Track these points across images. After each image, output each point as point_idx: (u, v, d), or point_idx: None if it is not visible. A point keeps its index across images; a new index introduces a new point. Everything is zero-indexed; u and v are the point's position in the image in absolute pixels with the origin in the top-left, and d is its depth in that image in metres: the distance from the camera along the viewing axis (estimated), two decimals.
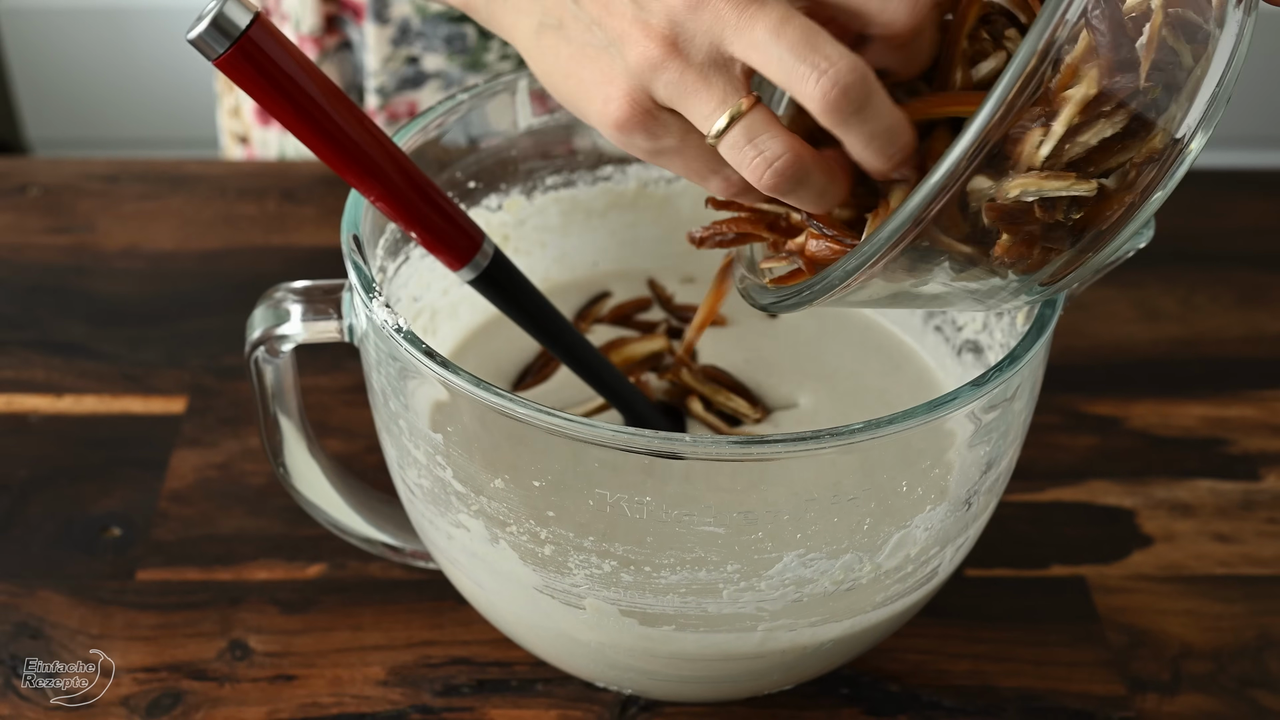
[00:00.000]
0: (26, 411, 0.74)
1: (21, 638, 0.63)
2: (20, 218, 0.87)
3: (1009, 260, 0.46)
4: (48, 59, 1.99)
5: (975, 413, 0.50)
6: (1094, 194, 0.45)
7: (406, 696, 0.61)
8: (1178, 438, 0.75)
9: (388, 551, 0.63)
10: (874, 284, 0.47)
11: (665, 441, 0.47)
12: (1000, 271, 0.47)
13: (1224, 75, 0.44)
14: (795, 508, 0.49)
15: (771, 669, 0.56)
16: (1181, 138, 0.45)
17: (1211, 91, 0.45)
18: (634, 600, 0.52)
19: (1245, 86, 0.49)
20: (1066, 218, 0.45)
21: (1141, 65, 0.44)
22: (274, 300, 0.56)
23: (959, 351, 0.64)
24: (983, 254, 0.46)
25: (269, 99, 0.46)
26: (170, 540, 0.68)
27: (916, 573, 0.54)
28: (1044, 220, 0.45)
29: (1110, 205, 0.45)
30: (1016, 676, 0.63)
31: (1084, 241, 0.46)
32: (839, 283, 0.46)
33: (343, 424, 0.73)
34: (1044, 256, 0.46)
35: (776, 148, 0.46)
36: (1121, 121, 0.44)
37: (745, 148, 0.46)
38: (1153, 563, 0.68)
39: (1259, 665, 0.64)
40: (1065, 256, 0.47)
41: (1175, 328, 0.81)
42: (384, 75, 0.92)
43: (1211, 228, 0.89)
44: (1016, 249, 0.45)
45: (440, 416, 0.51)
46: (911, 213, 0.43)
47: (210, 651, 0.63)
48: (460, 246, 0.53)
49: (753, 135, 0.46)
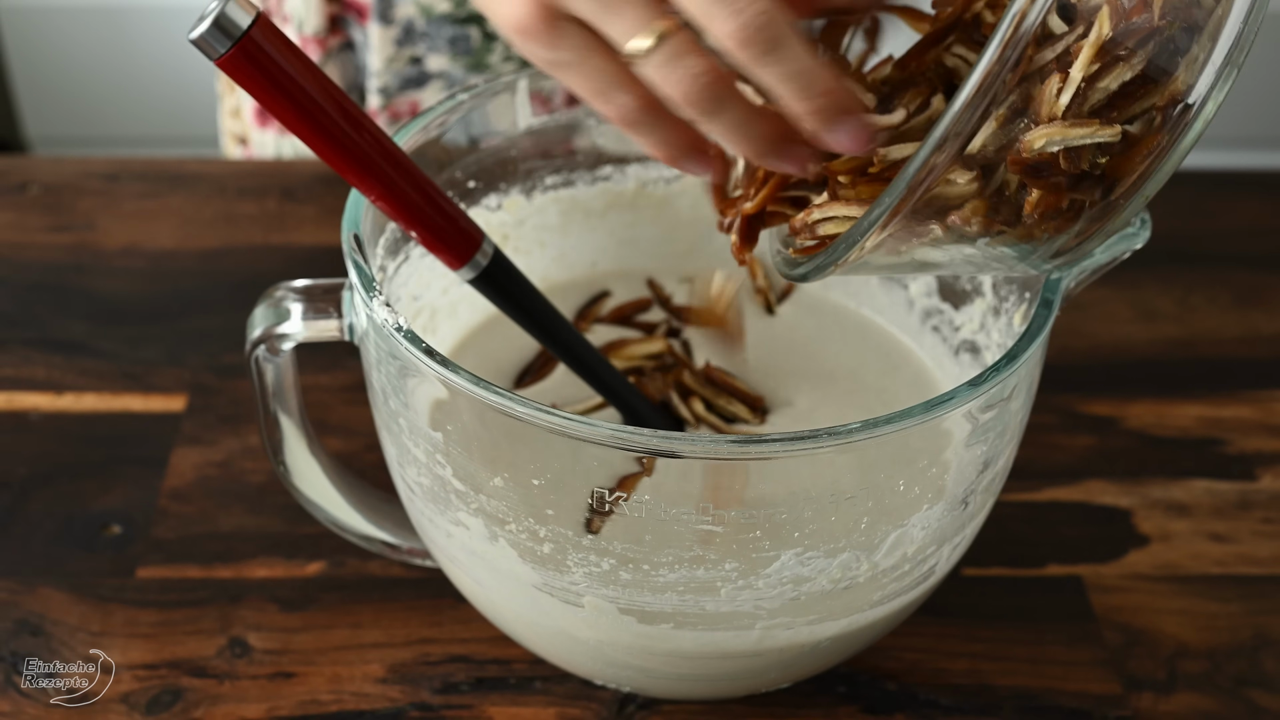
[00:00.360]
0: (27, 409, 0.74)
1: (22, 635, 0.63)
2: (20, 216, 0.87)
3: (1039, 217, 0.45)
4: (48, 57, 1.99)
5: (972, 412, 0.50)
6: (1118, 139, 0.43)
7: (405, 694, 0.61)
8: (1174, 438, 0.75)
9: (386, 549, 0.63)
10: (889, 248, 0.46)
11: (664, 440, 0.47)
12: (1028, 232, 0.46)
13: (1249, 13, 0.43)
14: (793, 507, 0.49)
15: (769, 667, 0.56)
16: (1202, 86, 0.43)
17: (1236, 30, 0.43)
18: (632, 598, 0.52)
19: (1243, 87, 0.48)
20: (1093, 166, 0.44)
21: (1154, 2, 0.43)
22: (274, 299, 0.56)
23: (956, 351, 0.64)
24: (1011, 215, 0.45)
25: (270, 99, 0.47)
26: (170, 538, 0.68)
27: (913, 572, 0.54)
28: (1070, 171, 0.44)
29: (1138, 153, 0.44)
30: (1013, 675, 0.63)
31: (1114, 192, 0.45)
32: (852, 246, 0.45)
33: (342, 422, 0.73)
34: (1073, 213, 0.45)
35: (701, 64, 0.46)
36: (1140, 63, 0.43)
37: (670, 65, 0.46)
38: (1149, 562, 0.68)
39: (1254, 664, 0.64)
40: (1094, 211, 0.46)
41: (1172, 328, 0.82)
42: (387, 75, 0.92)
43: (1209, 228, 0.89)
44: (1045, 201, 0.44)
45: (440, 415, 0.51)
46: (914, 171, 0.42)
47: (210, 649, 0.63)
48: (460, 246, 0.53)
49: (679, 54, 0.46)
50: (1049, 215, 0.45)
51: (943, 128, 0.41)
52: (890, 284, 0.67)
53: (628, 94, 0.49)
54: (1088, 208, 0.46)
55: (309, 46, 0.93)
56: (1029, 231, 0.46)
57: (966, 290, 0.63)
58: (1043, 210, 0.45)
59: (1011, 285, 0.60)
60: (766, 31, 0.44)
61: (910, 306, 0.67)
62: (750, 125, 0.47)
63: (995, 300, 0.61)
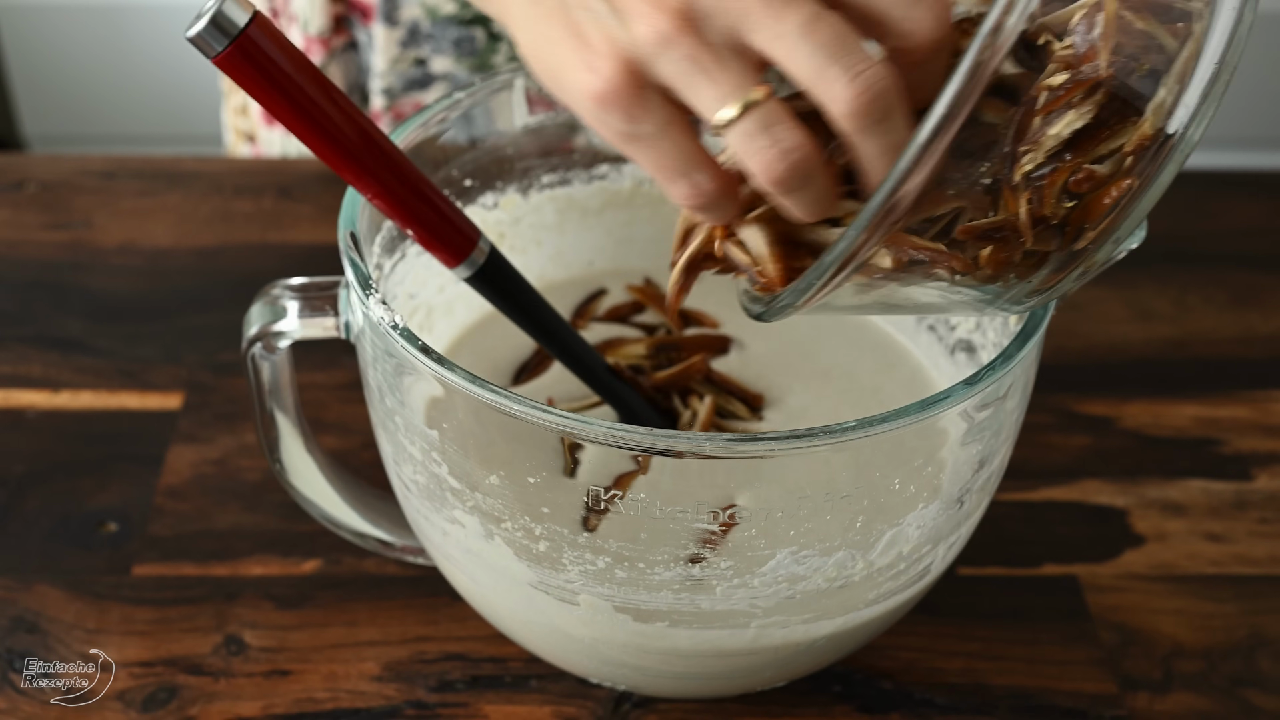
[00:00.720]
0: (23, 407, 0.74)
1: (18, 632, 0.63)
2: (17, 214, 0.87)
3: (994, 269, 0.45)
4: (45, 55, 1.98)
5: (968, 411, 0.50)
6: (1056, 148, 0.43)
7: (401, 692, 0.61)
8: (1170, 438, 0.75)
9: (382, 547, 0.64)
10: (845, 294, 0.45)
11: (659, 438, 0.47)
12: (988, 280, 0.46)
13: (1224, 55, 0.42)
14: (788, 505, 0.49)
15: (764, 666, 0.56)
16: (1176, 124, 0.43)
17: (1210, 72, 0.42)
18: (628, 596, 0.52)
19: (1238, 88, 0.48)
20: (1054, 215, 0.44)
21: (1101, 52, 0.42)
22: (271, 297, 0.56)
23: (952, 351, 0.64)
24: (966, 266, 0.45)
25: (267, 97, 0.47)
26: (166, 535, 0.68)
27: (909, 570, 0.54)
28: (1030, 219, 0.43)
29: (1105, 195, 0.43)
30: (1009, 675, 0.63)
31: (1081, 239, 0.45)
32: (799, 297, 0.44)
33: (339, 420, 0.73)
34: (1035, 261, 0.45)
35: (794, 138, 0.44)
36: (1090, 111, 0.42)
37: (759, 136, 0.44)
38: (1145, 562, 0.68)
39: (1250, 664, 0.64)
40: (1061, 257, 0.45)
41: (1168, 328, 0.82)
42: (391, 76, 0.92)
43: (1205, 229, 0.89)
44: (996, 256, 0.44)
45: (435, 412, 0.51)
46: (852, 238, 0.41)
47: (206, 646, 0.63)
48: (456, 244, 0.53)
49: (768, 124, 0.44)
50: (1006, 266, 0.45)
51: (883, 193, 0.41)
52: None
53: (705, 174, 0.47)
54: (1052, 255, 0.45)
55: (313, 46, 0.93)
56: (993, 277, 0.45)
57: None
58: (996, 262, 0.44)
59: None
60: (882, 100, 0.43)
61: None
62: (823, 201, 0.46)
63: None
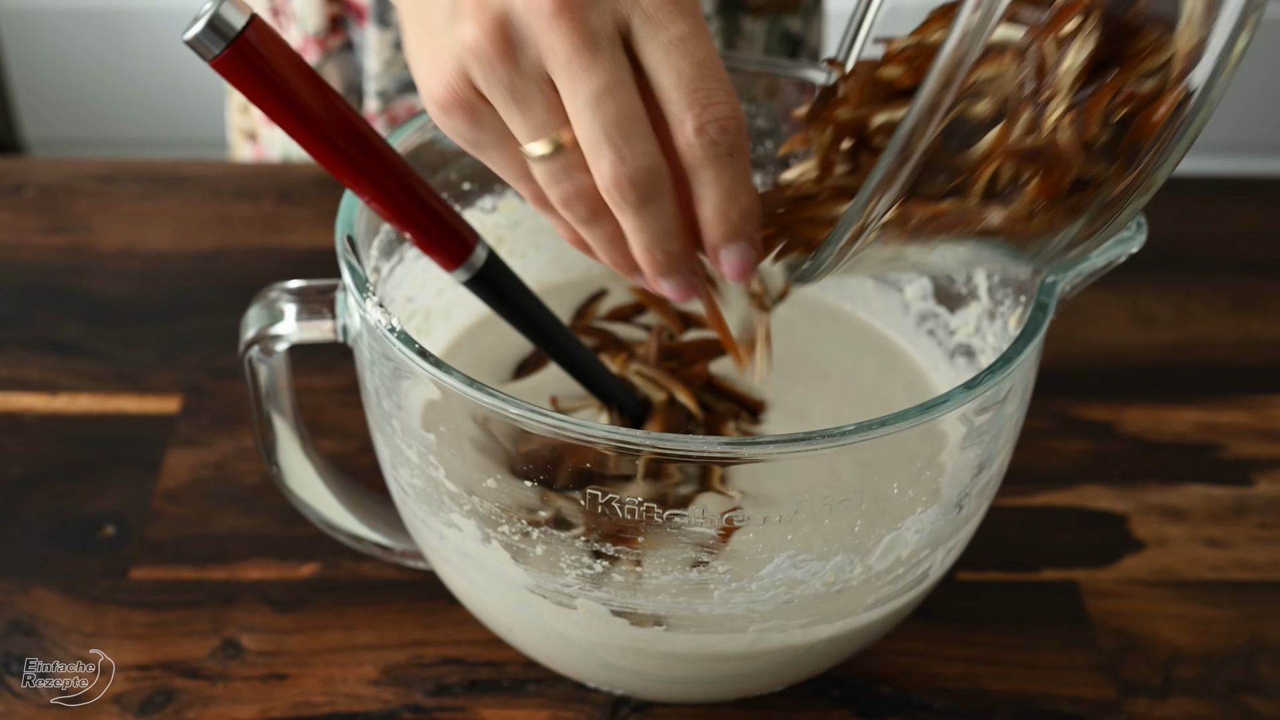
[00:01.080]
0: (21, 410, 0.74)
1: (15, 635, 0.63)
2: (16, 217, 0.87)
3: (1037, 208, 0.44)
4: (46, 60, 1.99)
5: (967, 415, 0.50)
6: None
7: (398, 696, 0.61)
8: (1170, 443, 0.75)
9: (379, 551, 0.63)
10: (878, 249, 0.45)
11: (657, 442, 0.47)
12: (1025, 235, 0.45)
13: None
14: (786, 509, 0.49)
15: (762, 670, 0.56)
16: (1219, 34, 0.42)
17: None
18: (625, 600, 0.52)
19: (1239, 94, 0.48)
20: (1107, 126, 0.43)
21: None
22: (268, 300, 0.56)
23: (951, 355, 0.64)
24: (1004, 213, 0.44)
25: (264, 100, 0.47)
26: (164, 539, 0.68)
27: (907, 575, 0.54)
28: (1073, 148, 0.43)
29: (1154, 111, 0.43)
30: (1008, 680, 0.63)
31: (1133, 166, 0.44)
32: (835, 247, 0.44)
33: (336, 424, 0.73)
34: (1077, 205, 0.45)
35: (588, 183, 0.46)
36: (1094, 32, 0.42)
37: (562, 178, 0.46)
38: (1144, 567, 0.68)
39: (1249, 670, 0.64)
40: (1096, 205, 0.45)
41: (1169, 333, 0.82)
42: (385, 79, 0.92)
43: (1205, 233, 0.89)
44: (1043, 186, 0.43)
45: (432, 416, 0.51)
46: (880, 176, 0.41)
47: (203, 650, 0.63)
48: (454, 248, 0.53)
49: (570, 168, 0.46)
50: (1051, 204, 0.44)
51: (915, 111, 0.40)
52: (885, 287, 0.67)
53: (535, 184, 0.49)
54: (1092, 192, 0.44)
55: (310, 46, 0.93)
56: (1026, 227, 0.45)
57: (962, 294, 0.63)
58: (1043, 192, 0.44)
59: (1007, 289, 0.60)
60: (642, 188, 0.45)
61: (905, 310, 0.67)
62: (614, 245, 0.48)
63: (991, 304, 0.61)
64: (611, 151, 0.44)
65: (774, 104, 0.66)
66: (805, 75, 0.64)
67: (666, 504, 0.49)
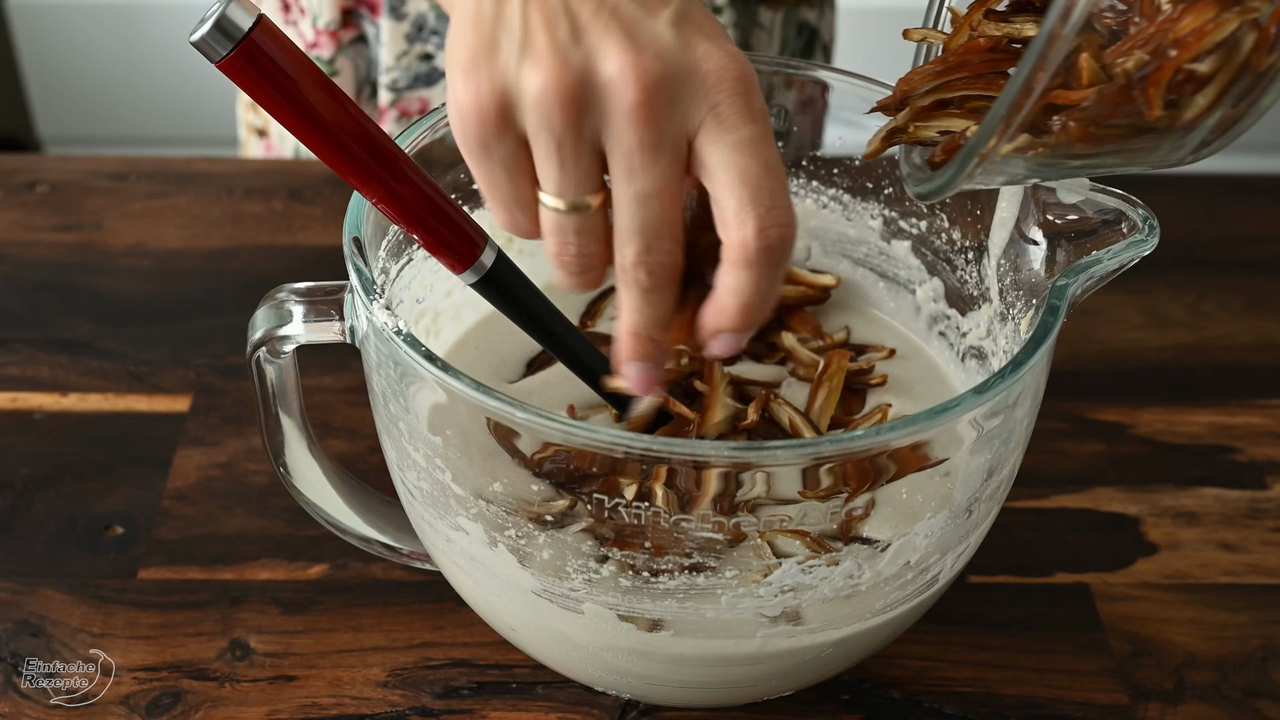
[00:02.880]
0: (31, 409, 0.74)
1: (23, 635, 0.63)
2: (28, 215, 0.87)
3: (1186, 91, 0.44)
4: (60, 56, 1.99)
5: (977, 419, 0.50)
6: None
7: (406, 698, 0.61)
8: (1184, 445, 0.74)
9: (387, 552, 0.63)
10: (1011, 152, 0.45)
11: (665, 446, 0.46)
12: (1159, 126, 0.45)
13: None
14: (794, 513, 0.49)
15: (771, 674, 0.56)
16: None
17: None
18: (632, 605, 0.51)
19: None
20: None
21: None
22: (276, 301, 0.56)
23: (963, 357, 0.64)
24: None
25: (271, 101, 0.46)
26: (172, 539, 0.68)
27: (916, 580, 0.54)
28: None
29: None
30: (1019, 684, 0.63)
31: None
32: (978, 149, 0.44)
33: (346, 424, 0.73)
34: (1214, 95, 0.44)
35: (592, 251, 0.48)
36: None
37: (569, 235, 0.47)
38: (1157, 571, 0.68)
39: (1263, 675, 0.63)
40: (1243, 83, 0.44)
41: (1183, 334, 0.81)
42: (397, 71, 0.92)
43: (1220, 234, 0.88)
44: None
45: (439, 419, 0.51)
46: (1021, 79, 0.41)
47: (210, 651, 0.63)
48: (462, 249, 0.53)
49: (580, 230, 0.47)
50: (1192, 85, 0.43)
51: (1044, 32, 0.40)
52: (897, 289, 0.67)
53: (526, 217, 0.49)
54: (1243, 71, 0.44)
55: (323, 39, 0.93)
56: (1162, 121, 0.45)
57: (974, 296, 0.63)
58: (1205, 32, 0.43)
59: (1019, 292, 0.59)
60: (657, 277, 0.47)
61: (917, 312, 0.66)
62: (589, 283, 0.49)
63: (1002, 306, 0.60)
64: (641, 243, 0.46)
65: (786, 103, 0.65)
66: (818, 75, 0.63)
67: (673, 508, 0.49)
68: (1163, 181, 0.92)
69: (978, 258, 0.62)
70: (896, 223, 0.66)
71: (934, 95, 0.51)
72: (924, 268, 0.66)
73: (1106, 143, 0.46)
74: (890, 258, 0.67)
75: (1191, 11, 0.43)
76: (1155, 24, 0.44)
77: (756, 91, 0.46)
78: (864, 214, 0.67)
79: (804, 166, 0.67)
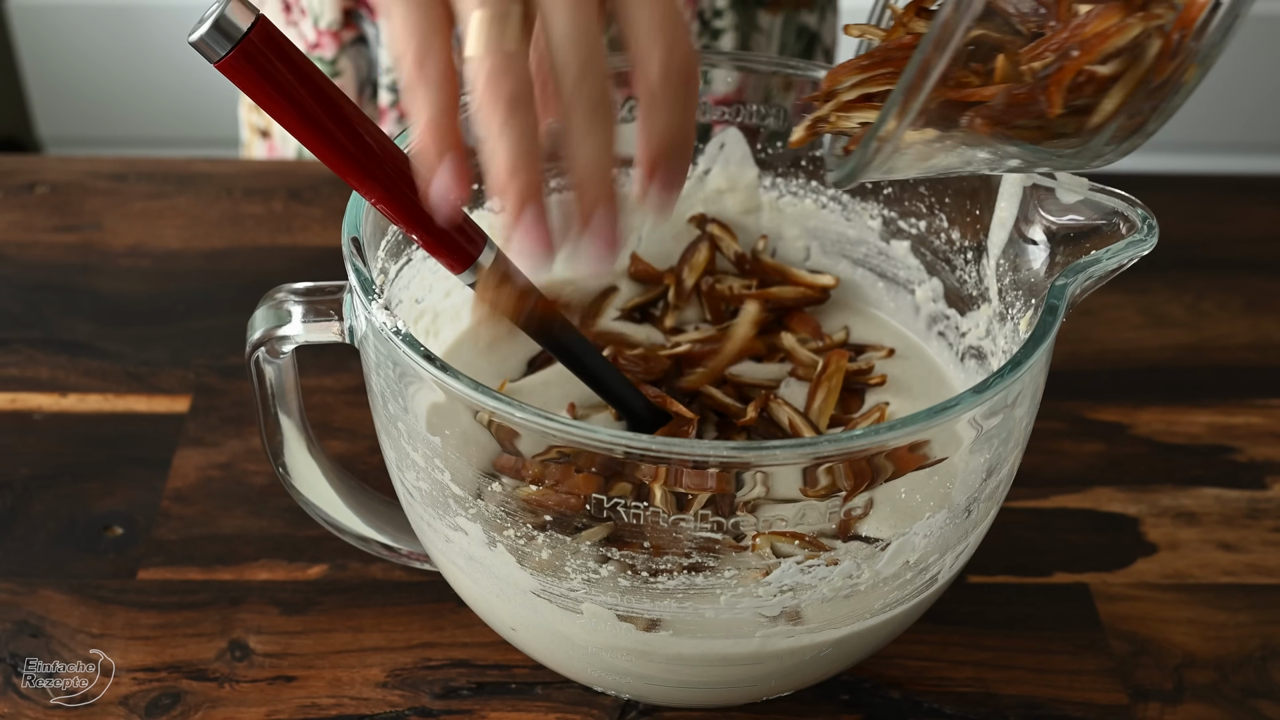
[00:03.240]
0: (31, 409, 0.74)
1: (22, 636, 0.63)
2: (27, 215, 0.87)
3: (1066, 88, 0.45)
4: (60, 56, 1.99)
5: (976, 419, 0.50)
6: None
7: (406, 699, 0.61)
8: (1184, 445, 0.74)
9: (386, 552, 0.63)
10: (919, 142, 0.46)
11: (663, 446, 0.46)
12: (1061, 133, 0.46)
13: None
14: (793, 513, 0.49)
15: (770, 675, 0.56)
16: None
17: None
18: (631, 605, 0.51)
19: (1252, 93, 0.48)
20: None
21: None
22: (275, 301, 0.56)
23: (962, 357, 0.64)
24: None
25: (270, 101, 0.46)
26: (172, 540, 0.68)
27: (916, 579, 0.54)
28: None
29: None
30: (1018, 684, 0.63)
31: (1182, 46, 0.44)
32: (877, 132, 0.45)
33: (346, 424, 0.73)
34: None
35: (525, 88, 0.45)
36: None
37: (504, 75, 0.45)
38: (1157, 571, 0.68)
39: (1262, 675, 0.63)
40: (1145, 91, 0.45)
41: (1182, 334, 0.81)
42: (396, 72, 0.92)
43: (1219, 234, 0.88)
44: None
45: (438, 419, 0.51)
46: (910, 76, 0.42)
47: (210, 652, 0.63)
48: (462, 250, 0.53)
49: (515, 70, 0.45)
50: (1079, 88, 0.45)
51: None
52: (897, 289, 0.67)
53: (436, 60, 0.47)
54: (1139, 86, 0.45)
55: (325, 40, 0.93)
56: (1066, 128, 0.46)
57: (973, 296, 0.63)
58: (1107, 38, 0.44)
59: (1018, 291, 0.59)
60: (601, 103, 0.45)
61: (916, 312, 0.66)
62: (520, 149, 0.46)
63: (1001, 306, 0.60)
64: (576, 69, 0.45)
65: (785, 104, 0.65)
66: (817, 76, 0.63)
67: (672, 508, 0.49)
68: (1162, 182, 0.92)
69: (977, 258, 0.62)
70: (896, 223, 0.66)
71: (859, 89, 0.52)
72: (923, 268, 0.66)
73: (1017, 141, 0.47)
74: (889, 258, 0.67)
75: (1099, 16, 0.44)
76: (1068, 28, 0.45)
77: None
78: (863, 214, 0.67)
79: (804, 166, 0.67)
